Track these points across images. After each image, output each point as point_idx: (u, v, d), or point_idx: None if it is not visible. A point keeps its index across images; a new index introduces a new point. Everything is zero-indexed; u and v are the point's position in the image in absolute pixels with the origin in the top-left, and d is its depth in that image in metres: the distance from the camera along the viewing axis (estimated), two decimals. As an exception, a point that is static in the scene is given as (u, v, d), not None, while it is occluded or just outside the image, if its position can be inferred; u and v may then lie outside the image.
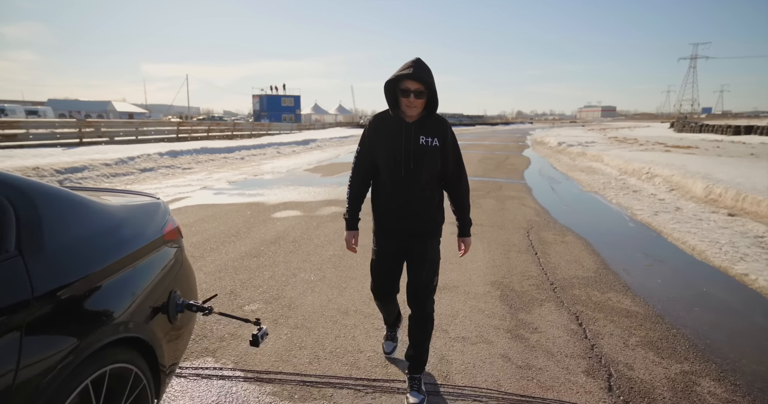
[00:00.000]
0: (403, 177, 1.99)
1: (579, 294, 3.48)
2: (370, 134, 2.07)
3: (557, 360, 2.50)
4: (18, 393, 1.07)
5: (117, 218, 1.62)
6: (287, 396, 2.14)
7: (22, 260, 1.19)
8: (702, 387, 2.27)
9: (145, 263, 1.65)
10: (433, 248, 2.12)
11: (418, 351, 2.16)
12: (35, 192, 1.34)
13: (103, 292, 1.40)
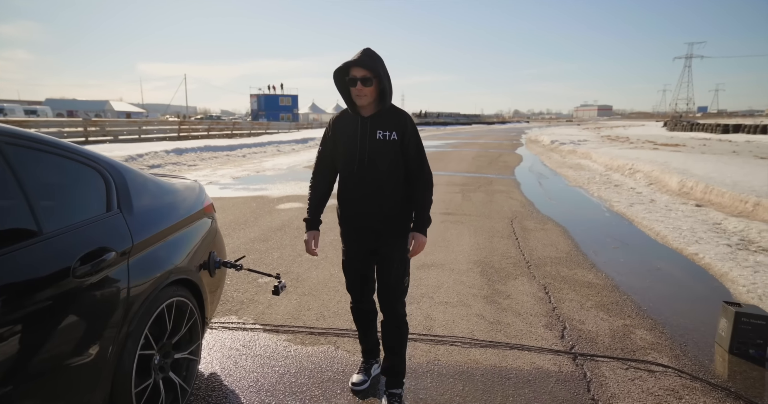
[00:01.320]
0: (360, 173, 1.93)
1: (550, 270, 3.98)
2: (329, 133, 2.02)
3: (523, 318, 3.01)
4: (130, 302, 1.58)
5: (174, 192, 2.13)
6: (299, 341, 2.64)
7: (123, 216, 1.69)
8: (636, 335, 2.78)
9: (193, 227, 2.15)
10: (400, 247, 2.00)
11: (395, 361, 2.07)
12: (123, 169, 1.84)
13: (170, 244, 1.90)
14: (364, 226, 2.01)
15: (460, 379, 2.28)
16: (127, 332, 1.56)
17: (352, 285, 2.14)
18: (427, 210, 1.99)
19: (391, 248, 2.00)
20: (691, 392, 2.21)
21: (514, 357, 2.51)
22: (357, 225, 2.02)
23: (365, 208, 1.97)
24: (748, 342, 2.53)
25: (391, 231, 1.99)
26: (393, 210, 1.98)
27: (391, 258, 2.01)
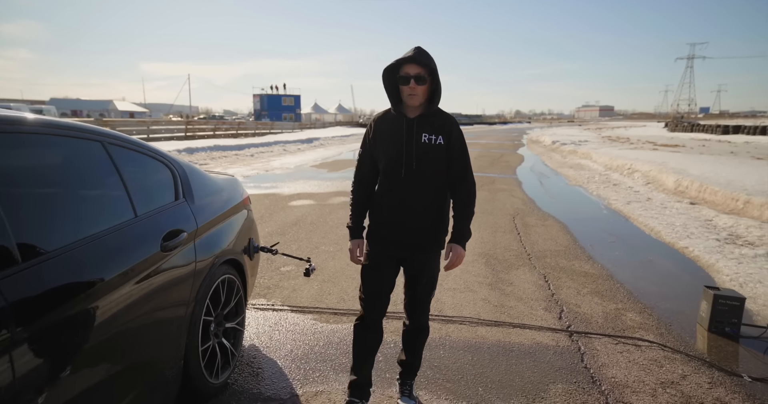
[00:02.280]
0: (404, 179, 1.81)
1: (549, 261, 4.29)
2: (370, 134, 1.91)
3: (524, 302, 3.32)
4: (197, 275, 1.89)
5: (221, 185, 2.45)
6: (324, 320, 2.96)
7: (188, 204, 2.01)
8: (626, 317, 3.09)
9: (236, 217, 2.47)
10: (431, 261, 1.92)
11: (412, 358, 2.08)
12: (184, 164, 2.16)
13: (221, 230, 2.22)
14: (398, 235, 1.86)
15: (469, 351, 2.60)
16: (196, 298, 1.88)
17: (369, 295, 1.94)
18: (468, 222, 1.88)
19: (423, 263, 1.90)
20: (671, 362, 2.52)
21: (516, 334, 2.82)
22: (391, 233, 1.87)
23: (404, 216, 1.84)
24: (725, 321, 2.83)
25: (425, 244, 1.88)
26: (432, 222, 1.86)
27: (421, 274, 1.91)
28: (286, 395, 2.15)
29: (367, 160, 1.94)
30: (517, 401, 2.14)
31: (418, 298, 1.97)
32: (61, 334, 1.21)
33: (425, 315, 2.04)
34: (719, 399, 2.19)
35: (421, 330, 2.06)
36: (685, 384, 2.31)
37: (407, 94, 1.77)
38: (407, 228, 1.85)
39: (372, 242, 1.94)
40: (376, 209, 1.93)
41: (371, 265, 1.93)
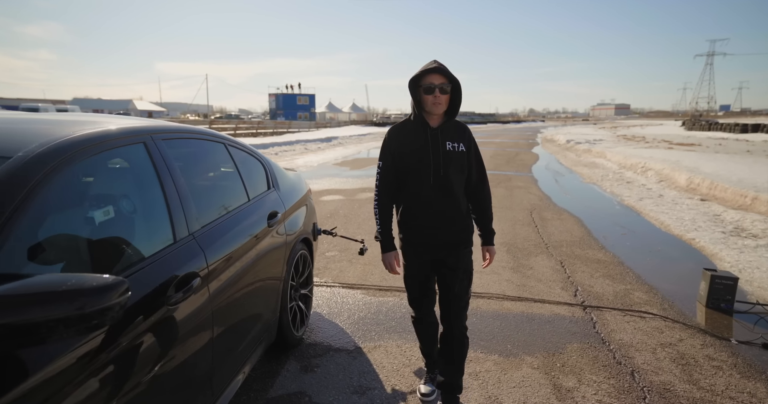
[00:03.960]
0: (434, 184, 1.90)
1: (565, 250, 4.73)
2: (392, 145, 1.96)
3: (543, 282, 3.78)
4: (287, 246, 2.42)
5: (293, 178, 2.97)
6: (371, 294, 3.46)
7: (276, 192, 2.53)
8: (634, 295, 3.53)
9: (305, 204, 2.99)
10: (466, 257, 2.01)
11: (454, 372, 2.04)
12: (268, 159, 2.68)
13: (297, 214, 2.74)
14: (432, 239, 1.96)
15: (497, 319, 3.07)
16: (287, 265, 2.40)
17: (415, 299, 2.09)
18: (491, 223, 2.06)
19: (457, 260, 1.98)
20: (671, 329, 2.96)
21: (537, 307, 3.29)
22: (426, 237, 1.96)
23: (435, 221, 1.93)
24: (720, 298, 3.25)
25: (459, 242, 1.98)
26: (461, 223, 1.98)
27: (457, 270, 1.98)
28: (351, 347, 2.66)
29: (390, 172, 1.97)
30: (540, 355, 2.62)
31: (457, 296, 1.98)
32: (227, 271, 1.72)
33: (463, 316, 2.01)
34: (709, 356, 2.63)
35: (462, 335, 2.01)
36: (681, 345, 2.75)
37: (431, 103, 1.85)
38: (440, 231, 1.95)
39: (407, 252, 2.02)
40: (407, 217, 1.98)
41: (411, 274, 2.04)
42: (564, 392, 2.27)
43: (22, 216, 1.04)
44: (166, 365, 1.32)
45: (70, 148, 1.25)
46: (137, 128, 1.60)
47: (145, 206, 1.52)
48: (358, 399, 2.17)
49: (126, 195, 1.49)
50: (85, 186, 1.34)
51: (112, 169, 1.50)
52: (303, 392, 2.21)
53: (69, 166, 1.22)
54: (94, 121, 1.52)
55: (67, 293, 0.88)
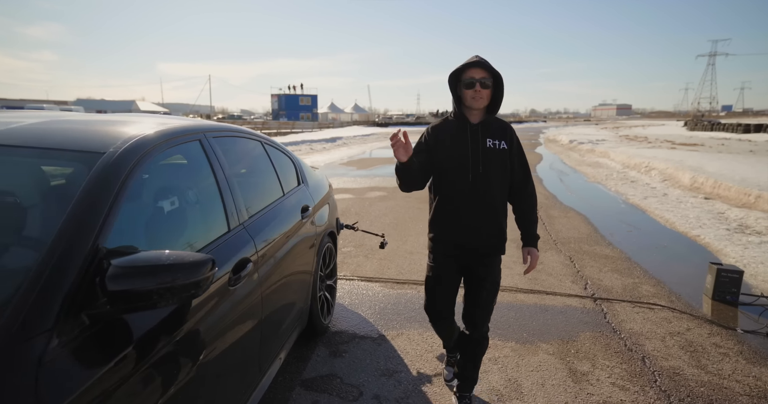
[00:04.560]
0: (471, 183, 1.82)
1: (574, 246, 4.87)
2: (429, 141, 1.90)
3: (554, 276, 3.92)
4: (316, 238, 2.56)
5: (318, 175, 3.11)
6: (389, 286, 3.60)
7: (305, 188, 2.67)
8: (642, 288, 3.67)
9: (329, 200, 3.13)
10: (496, 267, 1.94)
11: (470, 370, 2.06)
12: (297, 157, 2.82)
13: (324, 208, 2.89)
14: (465, 241, 1.88)
15: (511, 310, 3.21)
16: (317, 256, 2.54)
17: (435, 305, 2.03)
18: (536, 225, 1.97)
19: (488, 269, 1.91)
20: (679, 320, 3.10)
21: (549, 299, 3.43)
22: (458, 237, 1.89)
23: (475, 223, 1.86)
24: (726, 291, 3.39)
25: (491, 249, 1.91)
26: (498, 225, 1.89)
27: (485, 280, 1.92)
28: (375, 335, 2.80)
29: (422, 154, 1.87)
30: (555, 342, 2.76)
31: (482, 305, 1.93)
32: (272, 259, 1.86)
33: (486, 323, 1.98)
34: (716, 343, 2.77)
35: (482, 340, 2.01)
36: (689, 334, 2.89)
37: (471, 97, 1.80)
38: (477, 235, 1.86)
39: (436, 252, 1.95)
40: (443, 220, 1.91)
41: (436, 274, 1.96)
42: (579, 375, 2.40)
43: (120, 200, 1.18)
44: (226, 339, 1.46)
45: (148, 143, 1.39)
46: (193, 127, 1.74)
47: (203, 197, 1.67)
48: (386, 381, 2.31)
49: (189, 186, 1.63)
50: (158, 177, 1.49)
51: (177, 162, 1.64)
52: (334, 374, 2.36)
53: (148, 159, 1.36)
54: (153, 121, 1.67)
55: (170, 266, 1.02)
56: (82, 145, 1.31)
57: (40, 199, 1.21)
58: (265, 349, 1.81)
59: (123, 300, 1.00)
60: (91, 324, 0.99)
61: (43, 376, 0.85)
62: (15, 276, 0.96)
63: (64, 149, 1.28)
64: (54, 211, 1.10)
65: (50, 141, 1.32)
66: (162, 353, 1.14)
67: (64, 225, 1.05)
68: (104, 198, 1.15)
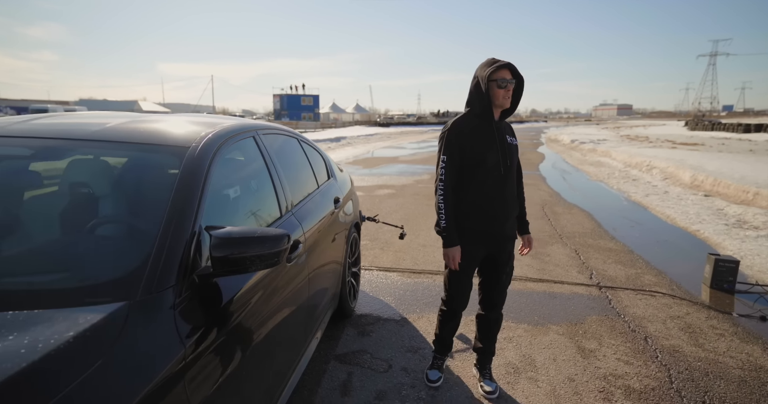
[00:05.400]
0: (503, 175, 1.99)
1: (578, 240, 5.09)
2: (456, 140, 1.98)
3: (561, 266, 4.15)
4: (345, 227, 2.79)
5: (342, 171, 3.34)
6: (406, 275, 3.83)
7: (335, 181, 2.91)
8: (644, 278, 3.89)
9: (353, 193, 3.36)
10: (513, 252, 2.14)
11: (488, 344, 2.25)
12: (324, 152, 3.05)
13: (351, 201, 3.12)
14: (496, 230, 2.03)
15: (522, 296, 3.44)
16: (346, 243, 2.77)
17: (455, 295, 2.14)
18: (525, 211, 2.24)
19: (508, 255, 2.11)
20: (679, 305, 3.32)
21: (557, 287, 3.65)
22: (488, 226, 2.02)
23: (504, 210, 2.03)
24: (723, 280, 3.61)
25: (512, 235, 2.12)
26: (518, 213, 2.16)
27: (506, 265, 2.11)
28: (398, 317, 3.03)
29: (456, 165, 1.99)
30: (564, 324, 2.98)
31: (502, 288, 2.14)
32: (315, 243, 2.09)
33: (502, 305, 2.21)
34: (713, 326, 2.99)
35: (499, 320, 2.23)
36: (688, 317, 3.11)
37: (503, 97, 1.93)
38: (506, 222, 2.05)
39: (468, 242, 2.02)
40: (471, 208, 2.00)
41: (464, 267, 2.05)
42: (587, 352, 2.63)
43: (207, 187, 1.41)
44: (285, 309, 1.69)
45: (220, 139, 1.62)
46: (248, 125, 1.97)
47: (260, 185, 1.89)
48: (412, 356, 2.54)
49: (249, 176, 1.86)
50: (226, 168, 1.72)
51: (238, 155, 1.87)
52: (364, 350, 2.59)
53: (220, 152, 1.59)
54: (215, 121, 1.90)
55: (259, 238, 1.25)
56: (169, 141, 1.54)
57: (147, 184, 1.44)
58: (310, 322, 2.04)
59: (223, 264, 1.22)
60: (200, 283, 1.22)
61: (176, 316, 1.08)
62: (144, 247, 1.18)
63: (157, 144, 1.51)
64: (160, 194, 1.33)
65: (143, 137, 1.55)
66: (244, 312, 1.36)
67: (172, 205, 1.28)
68: (197, 184, 1.37)
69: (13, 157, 1.50)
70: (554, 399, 2.19)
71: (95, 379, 0.83)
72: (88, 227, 1.31)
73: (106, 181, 1.51)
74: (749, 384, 2.33)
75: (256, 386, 1.41)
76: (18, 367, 0.77)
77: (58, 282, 1.10)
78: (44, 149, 1.48)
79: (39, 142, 1.49)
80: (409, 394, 2.19)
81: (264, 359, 1.48)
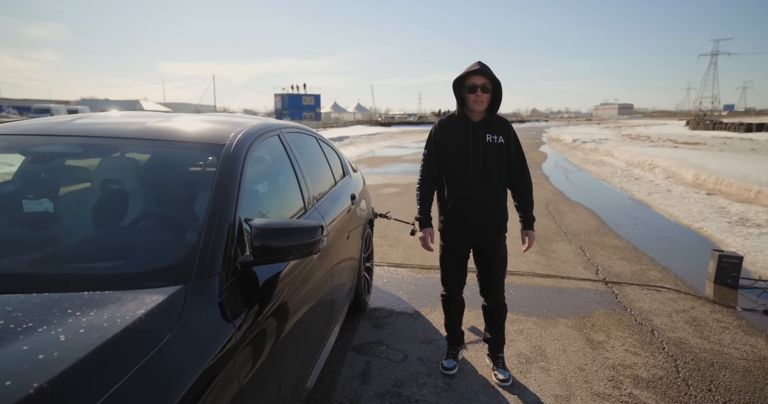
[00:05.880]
0: (473, 173, 2.12)
1: (583, 237, 5.17)
2: (436, 136, 2.19)
3: (567, 263, 4.23)
4: (360, 223, 2.88)
5: (356, 170, 3.43)
6: (416, 271, 3.92)
7: (350, 178, 2.99)
8: (649, 274, 3.98)
9: (366, 191, 3.45)
10: (501, 243, 2.24)
11: (497, 334, 2.35)
12: (339, 150, 3.14)
13: (365, 198, 3.20)
14: (470, 224, 2.18)
15: (531, 291, 3.53)
16: (361, 238, 2.86)
17: (450, 279, 2.34)
18: (531, 210, 2.26)
19: (494, 247, 2.22)
20: (684, 300, 3.41)
21: (564, 282, 3.74)
22: (465, 222, 2.19)
23: (475, 206, 2.16)
24: (727, 275, 3.69)
25: (494, 229, 2.21)
26: (497, 210, 2.19)
27: (493, 256, 2.23)
28: (411, 311, 3.12)
29: (434, 160, 2.23)
30: (572, 317, 3.07)
31: (494, 278, 2.26)
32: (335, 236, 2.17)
33: (502, 293, 2.31)
34: (717, 319, 3.08)
35: (501, 308, 2.32)
36: (693, 311, 3.20)
37: (473, 101, 2.08)
38: (478, 216, 2.17)
39: (446, 232, 2.24)
40: (448, 201, 2.21)
41: (447, 253, 2.28)
42: (596, 343, 2.72)
43: (243, 181, 1.49)
44: (313, 297, 1.77)
45: (251, 136, 1.71)
46: (273, 124, 2.06)
47: (286, 181, 1.98)
48: (426, 347, 2.63)
49: (276, 172, 1.95)
50: (257, 164, 1.80)
51: (265, 153, 1.96)
52: (380, 341, 2.67)
53: (252, 148, 1.68)
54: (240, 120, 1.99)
55: (297, 229, 1.34)
56: (205, 139, 1.62)
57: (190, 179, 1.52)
58: (332, 312, 2.13)
59: (264, 253, 1.31)
60: (241, 271, 1.30)
61: (224, 299, 1.17)
62: (192, 237, 1.27)
63: (194, 142, 1.60)
64: (203, 188, 1.41)
65: (181, 135, 1.64)
66: (279, 299, 1.45)
67: (213, 198, 1.36)
68: (234, 178, 1.46)
69: (67, 155, 1.60)
70: (566, 387, 2.27)
71: (169, 350, 0.92)
72: (142, 219, 1.40)
73: (154, 177, 1.61)
74: (753, 373, 2.41)
75: (290, 367, 1.50)
76: (104, 339, 0.86)
77: (119, 268, 1.19)
78: (91, 147, 1.57)
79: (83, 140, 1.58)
80: (426, 382, 2.28)
81: (295, 343, 1.57)
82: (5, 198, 1.54)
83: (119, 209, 1.47)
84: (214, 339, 1.06)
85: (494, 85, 2.09)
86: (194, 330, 1.03)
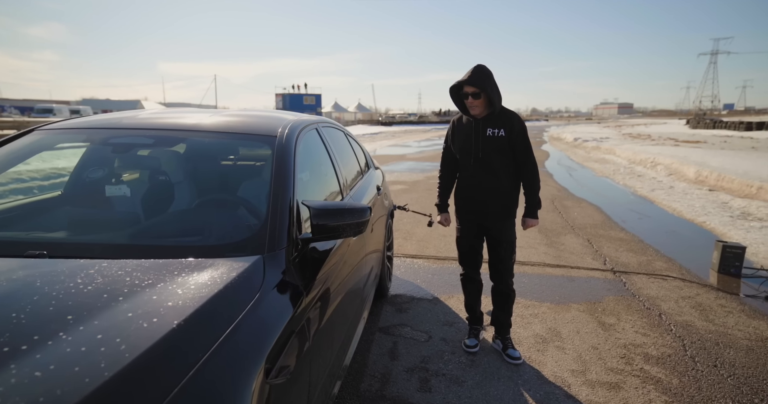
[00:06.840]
0: (474, 164, 2.36)
1: (590, 231, 5.34)
2: (451, 133, 2.51)
3: (576, 255, 4.39)
4: (386, 214, 3.04)
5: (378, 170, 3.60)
6: (431, 262, 4.08)
7: (374, 171, 3.15)
8: (655, 264, 4.14)
9: (386, 186, 3.61)
10: (507, 229, 2.41)
11: (504, 316, 2.52)
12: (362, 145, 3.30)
13: (386, 190, 3.36)
14: (477, 209, 2.42)
15: (542, 279, 3.69)
16: (385, 228, 3.02)
17: (464, 257, 2.56)
18: (535, 195, 2.40)
19: (500, 231, 2.41)
20: (689, 287, 3.57)
21: (574, 271, 3.90)
22: (472, 207, 2.44)
23: (477, 193, 2.40)
24: (730, 264, 3.85)
25: (499, 213, 2.40)
26: (502, 197, 2.38)
27: (500, 240, 2.42)
28: (430, 297, 3.28)
29: (449, 153, 2.55)
30: (584, 303, 3.23)
31: (502, 260, 2.45)
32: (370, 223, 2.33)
33: (509, 277, 2.48)
34: (721, 304, 3.24)
35: (509, 292, 2.50)
36: (698, 298, 3.36)
37: (468, 106, 2.34)
38: (484, 201, 2.40)
39: (459, 216, 2.53)
40: (459, 191, 2.51)
41: (462, 235, 2.54)
42: (607, 325, 2.88)
43: (296, 168, 1.66)
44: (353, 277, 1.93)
45: (296, 129, 1.87)
46: (311, 119, 2.22)
47: (326, 170, 2.15)
48: (449, 328, 2.79)
49: (317, 162, 2.11)
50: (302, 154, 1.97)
51: (308, 144, 2.12)
52: (404, 323, 2.84)
53: (299, 139, 1.84)
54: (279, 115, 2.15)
55: (350, 210, 1.50)
56: (260, 131, 1.79)
57: (253, 164, 1.69)
58: (364, 292, 2.29)
59: (321, 231, 1.47)
60: (302, 246, 1.46)
61: (293, 269, 1.33)
62: (261, 215, 1.43)
63: (252, 133, 1.76)
64: (265, 173, 1.58)
65: (240, 127, 1.80)
66: (333, 274, 1.61)
67: (274, 182, 1.53)
68: (288, 165, 1.62)
69: (140, 146, 1.76)
70: (581, 363, 2.44)
71: (262, 304, 1.08)
72: (219, 199, 1.57)
73: (219, 164, 1.77)
74: (756, 352, 2.58)
75: (339, 332, 1.66)
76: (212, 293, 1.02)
77: (204, 241, 1.35)
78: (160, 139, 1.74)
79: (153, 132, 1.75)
80: (450, 359, 2.44)
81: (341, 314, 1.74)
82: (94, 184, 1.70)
83: (194, 192, 1.64)
84: (291, 300, 1.22)
85: (486, 90, 2.25)
86: (275, 291, 1.20)
